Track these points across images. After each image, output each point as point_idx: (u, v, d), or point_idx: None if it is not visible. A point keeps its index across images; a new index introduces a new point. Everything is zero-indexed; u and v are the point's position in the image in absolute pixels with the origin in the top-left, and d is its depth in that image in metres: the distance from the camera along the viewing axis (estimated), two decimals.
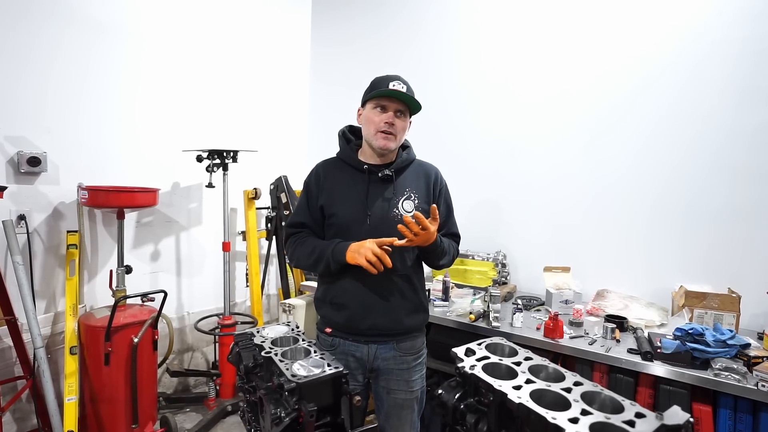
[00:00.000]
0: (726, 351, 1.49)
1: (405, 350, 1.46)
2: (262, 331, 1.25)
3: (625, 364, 1.59)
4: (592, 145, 2.36)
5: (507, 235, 2.64)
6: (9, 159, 2.13)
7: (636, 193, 2.25)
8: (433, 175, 1.53)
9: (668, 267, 2.17)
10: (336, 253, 1.37)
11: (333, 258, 1.37)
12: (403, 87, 1.38)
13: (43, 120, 2.22)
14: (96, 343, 2.13)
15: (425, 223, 1.30)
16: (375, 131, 1.39)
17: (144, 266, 2.71)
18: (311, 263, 1.43)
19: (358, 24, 3.26)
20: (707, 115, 2.05)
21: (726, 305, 1.78)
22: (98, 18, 2.38)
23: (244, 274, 3.13)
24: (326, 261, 1.39)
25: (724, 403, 1.50)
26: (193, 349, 3.01)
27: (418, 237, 1.31)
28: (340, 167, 1.50)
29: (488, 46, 2.68)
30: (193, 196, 2.93)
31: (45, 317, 2.28)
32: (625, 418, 0.78)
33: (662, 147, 2.17)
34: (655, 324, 1.87)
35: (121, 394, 2.18)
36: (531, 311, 2.12)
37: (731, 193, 2.02)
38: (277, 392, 0.99)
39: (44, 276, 2.28)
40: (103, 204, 2.27)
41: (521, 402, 0.81)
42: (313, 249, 1.43)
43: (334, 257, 1.37)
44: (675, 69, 2.12)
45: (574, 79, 2.40)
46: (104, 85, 2.43)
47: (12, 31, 2.09)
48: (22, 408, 2.21)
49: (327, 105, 3.50)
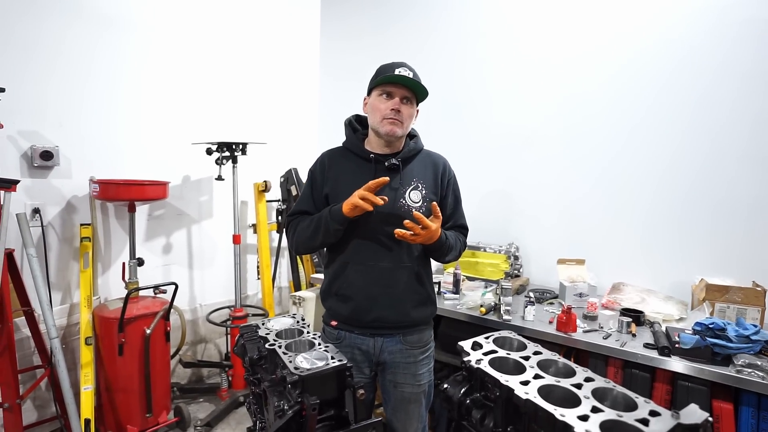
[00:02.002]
0: (749, 347, 1.43)
1: (412, 343, 1.43)
2: (267, 323, 1.24)
3: (640, 359, 1.54)
4: (610, 132, 2.27)
5: (520, 226, 2.58)
6: (23, 153, 2.16)
7: (654, 183, 2.17)
8: (441, 165, 1.49)
9: (688, 259, 2.09)
10: (334, 212, 1.33)
11: (332, 217, 1.34)
12: (409, 73, 1.34)
13: (55, 114, 2.25)
14: (110, 334, 2.16)
15: (426, 222, 1.27)
16: (381, 118, 1.36)
17: (156, 259, 2.74)
18: (310, 233, 1.39)
19: (368, 18, 3.21)
20: (734, 104, 1.95)
21: (750, 299, 1.71)
22: (106, 12, 2.39)
23: (255, 267, 3.14)
24: (324, 223, 1.35)
25: (747, 401, 1.44)
26: (206, 340, 3.05)
27: (419, 236, 1.29)
28: (346, 156, 1.47)
29: (499, 34, 2.60)
30: (204, 189, 2.95)
31: (61, 308, 2.33)
32: (639, 416, 0.74)
33: (681, 137, 2.08)
34: (673, 318, 1.81)
35: (135, 383, 2.22)
36: (544, 304, 2.07)
37: (755, 183, 1.93)
38: (280, 385, 0.97)
39: (59, 268, 2.33)
40: (114, 197, 2.29)
41: (528, 398, 0.78)
42: (310, 221, 1.40)
43: (333, 216, 1.33)
44: (701, 56, 2.01)
45: (591, 64, 2.31)
46: (114, 78, 2.45)
47: (20, 26, 2.11)
48: (41, 396, 2.27)
49: (336, 98, 3.48)
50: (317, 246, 1.43)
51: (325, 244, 1.43)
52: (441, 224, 1.46)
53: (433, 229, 1.30)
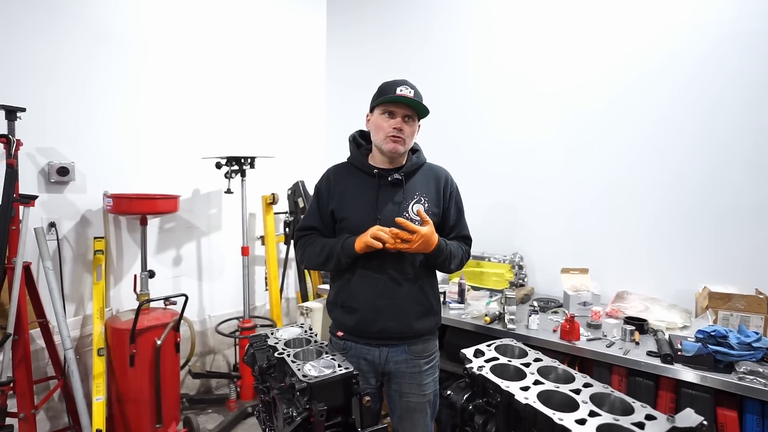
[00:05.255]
0: (751, 354, 1.44)
1: (416, 353, 1.46)
2: (276, 333, 1.28)
3: (644, 366, 1.56)
4: (612, 142, 2.31)
5: (524, 236, 2.61)
6: (40, 169, 2.24)
7: (657, 192, 2.19)
8: (444, 177, 1.53)
9: (691, 268, 2.10)
10: (345, 247, 1.39)
11: (343, 252, 1.40)
12: (411, 92, 1.38)
13: (71, 131, 2.33)
14: (121, 345, 2.21)
15: (410, 226, 1.32)
16: (384, 136, 1.41)
17: (167, 271, 2.79)
18: (322, 261, 1.46)
19: (372, 25, 3.28)
20: (740, 113, 1.98)
21: (753, 307, 1.72)
22: (122, 30, 2.48)
23: (263, 278, 3.19)
24: (336, 256, 1.41)
25: (751, 408, 1.44)
26: (215, 351, 3.08)
27: (413, 243, 1.33)
28: (350, 172, 1.52)
29: (502, 44, 2.66)
30: (213, 202, 3.02)
31: (74, 320, 2.39)
32: (635, 420, 0.77)
33: (686, 145, 2.11)
34: (677, 326, 1.82)
35: (145, 394, 2.26)
36: (548, 313, 2.09)
37: (757, 190, 1.95)
38: (289, 392, 1.01)
39: (73, 280, 2.39)
40: (126, 210, 2.36)
41: (528, 403, 0.81)
42: (322, 247, 1.46)
43: (344, 251, 1.39)
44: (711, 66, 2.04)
45: (592, 76, 2.36)
46: (127, 96, 2.53)
47: (38, 46, 2.20)
48: (54, 407, 2.31)
49: (343, 110, 3.54)
50: (327, 270, 1.51)
51: (336, 270, 1.50)
52: (444, 235, 1.50)
53: (424, 232, 1.33)
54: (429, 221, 1.37)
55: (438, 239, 1.40)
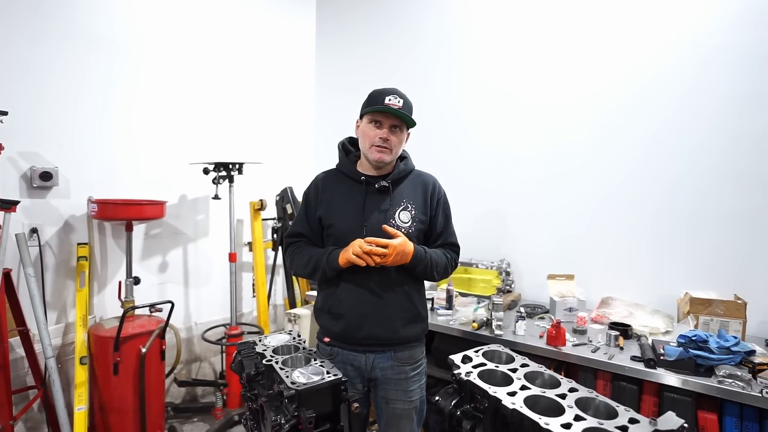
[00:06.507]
0: (730, 358, 1.48)
1: (403, 360, 1.47)
2: (264, 340, 1.28)
3: (627, 371, 1.58)
4: (595, 153, 2.37)
5: (511, 244, 2.64)
6: (22, 174, 2.20)
7: (640, 200, 2.25)
8: (431, 185, 1.55)
9: (674, 274, 2.15)
10: (330, 260, 1.41)
11: (328, 265, 1.42)
12: (399, 101, 1.39)
13: (54, 136, 2.30)
14: (105, 353, 2.17)
15: (381, 241, 1.34)
16: (370, 145, 1.43)
17: (152, 277, 2.75)
18: (309, 272, 1.48)
19: (360, 31, 3.30)
20: (710, 120, 2.06)
21: (732, 312, 1.77)
22: (104, 35, 2.46)
23: (250, 285, 3.16)
24: (322, 269, 1.43)
25: (730, 411, 1.48)
26: (201, 359, 3.04)
27: (387, 257, 1.34)
28: (338, 178, 1.53)
29: (488, 54, 2.70)
30: (200, 207, 2.99)
31: (56, 328, 2.33)
32: (619, 424, 0.79)
33: (666, 154, 2.17)
34: (660, 331, 1.86)
35: (129, 403, 2.21)
36: (534, 319, 2.12)
37: (735, 198, 2.02)
38: (277, 399, 1.01)
39: (55, 287, 2.34)
40: (111, 216, 2.33)
41: (515, 408, 0.82)
42: (309, 258, 1.47)
43: (329, 264, 1.41)
44: (677, 75, 2.13)
45: (575, 87, 2.41)
46: (112, 100, 2.50)
47: (20, 50, 2.16)
48: (33, 417, 2.25)
49: (332, 116, 3.55)
50: (315, 280, 1.54)
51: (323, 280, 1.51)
52: (431, 242, 1.51)
53: (395, 245, 1.35)
54: (398, 234, 1.39)
55: (415, 249, 1.41)
